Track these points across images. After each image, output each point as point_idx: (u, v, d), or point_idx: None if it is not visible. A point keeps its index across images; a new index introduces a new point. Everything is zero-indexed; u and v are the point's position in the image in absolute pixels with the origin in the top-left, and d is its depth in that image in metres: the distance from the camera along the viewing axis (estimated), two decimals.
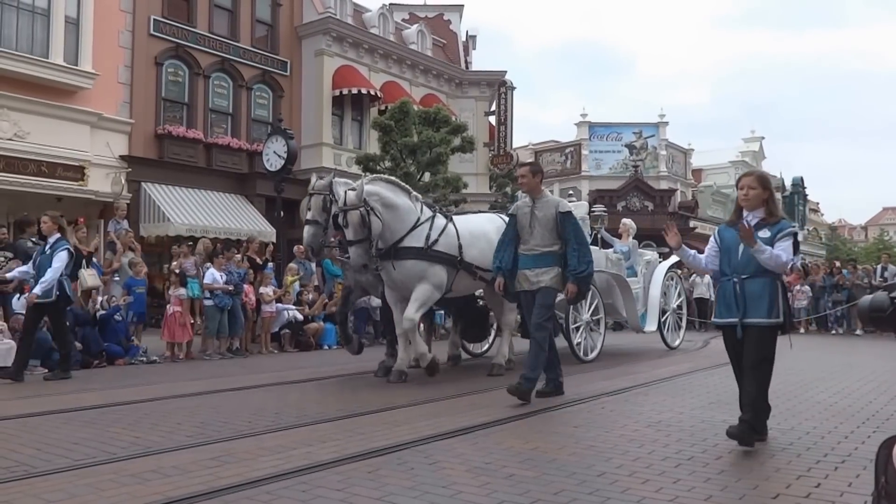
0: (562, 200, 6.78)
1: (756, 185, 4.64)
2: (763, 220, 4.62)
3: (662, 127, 35.88)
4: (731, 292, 4.61)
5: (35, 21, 17.19)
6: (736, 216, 4.73)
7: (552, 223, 6.43)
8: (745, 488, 3.61)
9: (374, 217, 7.47)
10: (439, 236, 7.86)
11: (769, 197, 4.68)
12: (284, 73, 23.67)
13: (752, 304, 4.52)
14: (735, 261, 4.63)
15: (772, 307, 4.49)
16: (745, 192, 4.66)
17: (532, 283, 6.40)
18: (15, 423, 5.41)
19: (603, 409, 6.05)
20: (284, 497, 3.46)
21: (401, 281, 7.74)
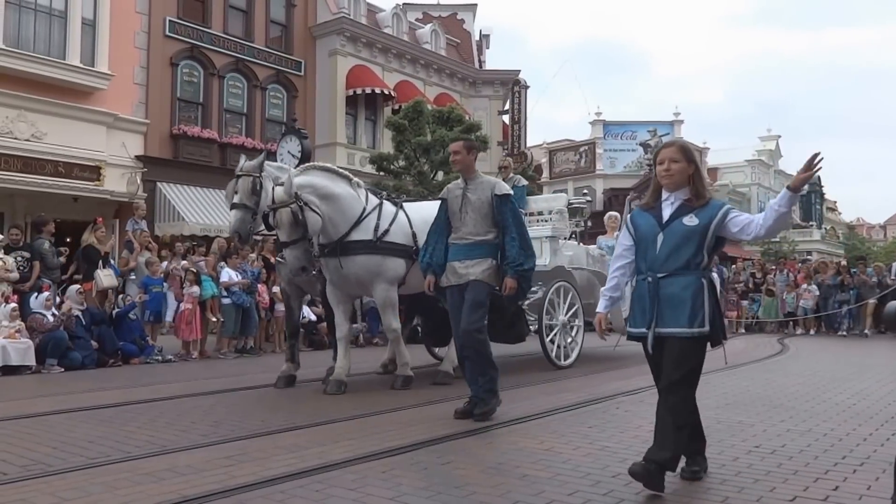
0: (500, 182, 5.87)
1: (679, 157, 3.72)
2: (688, 203, 3.71)
3: (677, 125, 35.75)
4: (645, 294, 3.71)
5: (52, 23, 17.33)
6: (653, 198, 3.81)
7: (487, 208, 5.56)
8: (762, 490, 3.57)
9: (310, 212, 6.61)
10: (390, 225, 7.08)
11: (695, 172, 3.74)
12: (298, 73, 23.74)
13: (669, 309, 3.62)
14: (651, 254, 3.72)
15: (695, 314, 3.59)
16: (665, 167, 3.71)
17: (460, 276, 5.55)
18: (31, 422, 5.44)
19: (618, 409, 6.01)
20: (298, 496, 3.46)
21: (353, 279, 6.99)
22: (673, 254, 3.66)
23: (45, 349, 8.92)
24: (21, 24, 16.82)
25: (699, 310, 3.60)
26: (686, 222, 3.65)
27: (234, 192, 7.24)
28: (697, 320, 3.59)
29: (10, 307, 9.00)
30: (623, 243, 3.91)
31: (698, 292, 3.61)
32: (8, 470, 3.96)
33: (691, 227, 3.64)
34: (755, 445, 4.53)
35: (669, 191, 3.76)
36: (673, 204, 3.74)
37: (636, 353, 10.15)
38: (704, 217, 3.65)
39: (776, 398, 6.53)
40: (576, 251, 9.87)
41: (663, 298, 3.64)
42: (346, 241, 6.87)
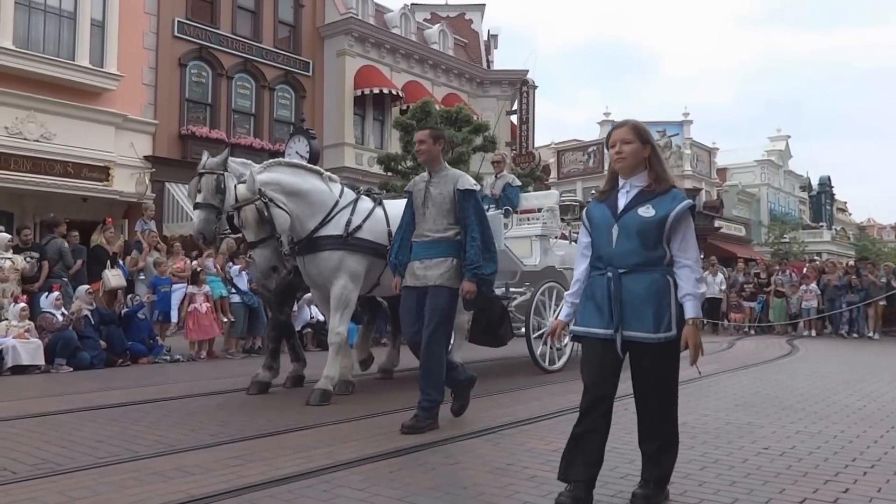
0: (465, 175, 5.41)
1: (631, 137, 3.29)
2: (647, 190, 3.29)
3: (686, 125, 35.67)
4: (603, 291, 3.28)
5: (61, 24, 17.42)
6: (609, 184, 3.41)
7: (449, 203, 5.20)
8: (771, 492, 3.56)
9: (277, 209, 6.28)
10: (363, 222, 6.65)
11: (652, 154, 3.31)
12: (307, 74, 23.78)
13: (632, 310, 3.22)
14: (607, 249, 3.30)
15: (661, 316, 3.19)
16: (617, 149, 3.31)
17: (418, 277, 5.18)
18: (40, 421, 5.46)
19: (626, 410, 5.91)
20: (306, 496, 3.46)
21: (316, 277, 6.62)
22: (630, 249, 3.25)
23: (54, 349, 8.96)
24: (30, 25, 16.91)
25: (665, 311, 3.20)
26: (642, 213, 3.24)
27: (196, 191, 6.88)
28: (664, 324, 3.20)
29: (19, 307, 9.04)
30: (582, 241, 3.51)
31: (664, 292, 3.22)
32: (17, 469, 3.98)
33: (647, 220, 3.22)
34: (764, 447, 4.50)
35: (624, 177, 3.35)
36: (629, 192, 3.33)
37: None
38: (662, 208, 3.23)
39: (786, 400, 6.50)
40: (567, 250, 9.50)
41: (627, 298, 3.22)
42: (314, 238, 6.49)
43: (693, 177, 35.39)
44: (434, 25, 29.03)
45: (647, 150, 3.32)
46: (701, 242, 31.30)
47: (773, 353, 11.84)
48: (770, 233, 39.17)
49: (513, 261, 8.56)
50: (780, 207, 44.74)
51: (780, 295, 17.83)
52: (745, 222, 40.63)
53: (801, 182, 49.35)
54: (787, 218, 42.77)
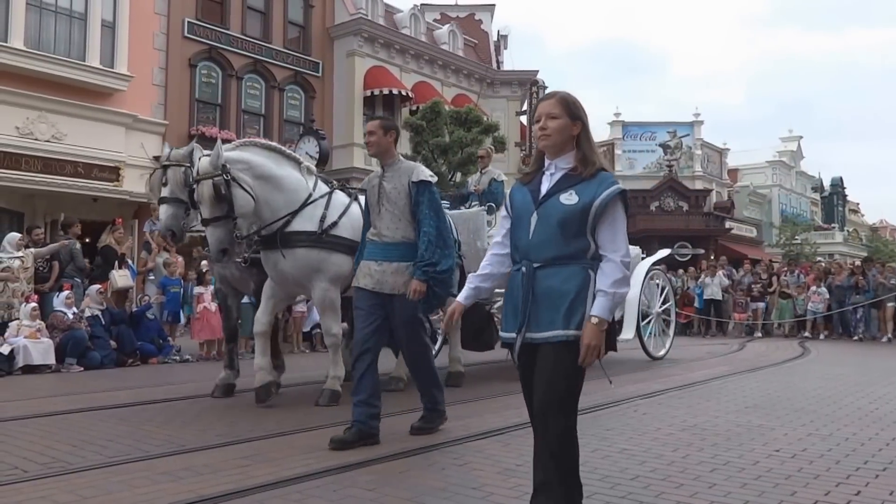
0: (420, 167, 5.08)
1: (558, 111, 2.86)
2: (572, 174, 2.86)
3: (697, 126, 35.55)
4: (518, 290, 2.88)
5: (72, 25, 17.49)
6: (535, 165, 3.01)
7: (405, 199, 4.79)
8: (782, 494, 3.53)
9: (239, 190, 5.85)
10: (340, 217, 6.22)
11: (581, 133, 2.89)
12: (316, 74, 23.83)
13: (546, 308, 2.79)
14: (524, 239, 2.88)
15: (572, 312, 2.75)
16: (541, 125, 2.88)
17: (374, 280, 4.75)
18: (51, 420, 5.48)
19: (636, 412, 5.97)
20: (315, 497, 3.45)
21: (290, 275, 6.18)
22: (549, 239, 2.82)
23: (65, 348, 9.00)
24: (42, 26, 16.98)
25: (578, 307, 2.76)
26: (564, 200, 2.82)
27: (161, 185, 6.54)
28: (574, 320, 2.75)
29: (30, 307, 9.09)
30: (503, 225, 3.09)
31: (582, 287, 2.77)
32: (28, 467, 4.00)
33: (569, 207, 2.80)
34: (775, 449, 4.48)
35: (550, 157, 2.93)
36: (553, 175, 2.91)
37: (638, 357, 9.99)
38: (587, 194, 2.81)
39: (797, 402, 6.46)
40: None
41: (539, 294, 2.81)
42: (286, 232, 6.06)
43: (704, 177, 35.27)
44: (444, 26, 29.04)
45: (576, 128, 2.89)
46: (712, 243, 31.41)
47: (784, 355, 11.78)
48: (781, 234, 39.02)
49: None
50: (792, 208, 44.57)
51: (785, 296, 17.53)
52: (757, 223, 40.47)
53: (812, 183, 49.16)
54: (798, 219, 42.59)
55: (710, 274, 18.45)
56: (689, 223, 32.35)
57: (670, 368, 9.43)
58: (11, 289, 9.51)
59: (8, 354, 8.52)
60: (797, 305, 17.19)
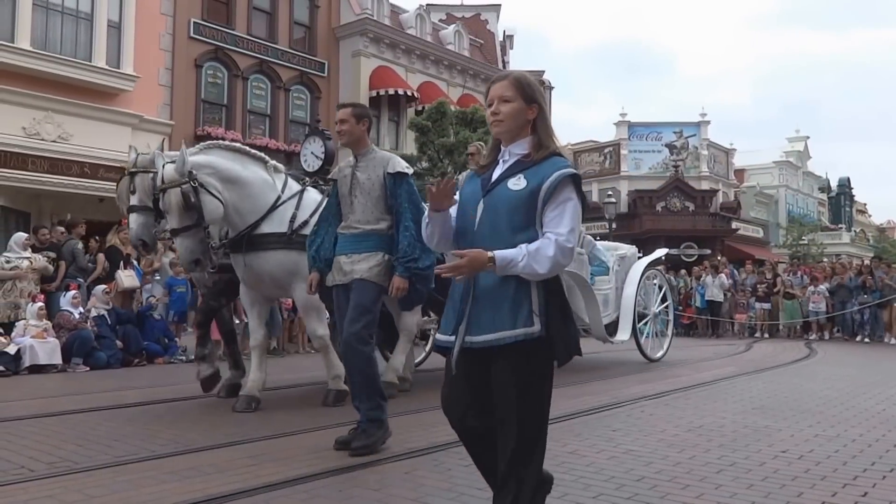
0: (395, 157, 4.88)
1: (512, 94, 2.60)
2: (524, 159, 2.61)
3: (704, 126, 35.44)
4: (458, 289, 2.62)
5: (79, 25, 17.53)
6: (492, 155, 2.74)
7: (379, 190, 4.63)
8: (789, 496, 3.52)
9: (208, 196, 5.64)
10: (311, 216, 5.96)
11: (538, 117, 2.64)
12: (322, 75, 23.85)
13: (487, 309, 2.51)
14: (470, 233, 2.62)
15: (518, 306, 2.47)
16: (493, 109, 2.64)
17: (345, 273, 4.58)
18: (58, 420, 5.49)
19: (643, 412, 5.96)
20: (321, 496, 3.45)
21: (267, 278, 6.03)
22: (492, 232, 2.54)
23: (71, 348, 9.02)
24: (48, 26, 17.02)
25: (524, 301, 2.47)
26: (511, 186, 2.56)
27: (129, 193, 6.26)
28: (522, 317, 2.46)
29: (37, 306, 9.11)
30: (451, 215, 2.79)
31: (523, 283, 2.49)
32: (35, 467, 4.00)
33: (515, 193, 2.54)
34: (782, 450, 4.47)
35: (504, 143, 2.68)
36: (506, 162, 2.66)
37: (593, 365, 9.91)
38: (535, 178, 2.53)
39: (803, 403, 6.45)
40: None
41: (480, 294, 2.53)
42: (254, 235, 5.89)
43: (710, 178, 35.17)
44: (449, 26, 29.03)
45: (532, 111, 2.64)
46: (718, 244, 31.32)
47: (791, 356, 11.75)
48: (788, 234, 38.92)
49: None
50: (799, 209, 44.43)
51: (790, 297, 17.35)
52: (763, 224, 40.35)
53: (819, 183, 49.00)
54: (805, 219, 42.46)
55: (710, 274, 18.29)
56: (696, 223, 32.27)
57: (677, 369, 9.42)
58: (19, 288, 9.55)
59: (14, 354, 8.54)
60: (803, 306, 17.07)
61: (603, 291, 9.56)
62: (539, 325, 2.46)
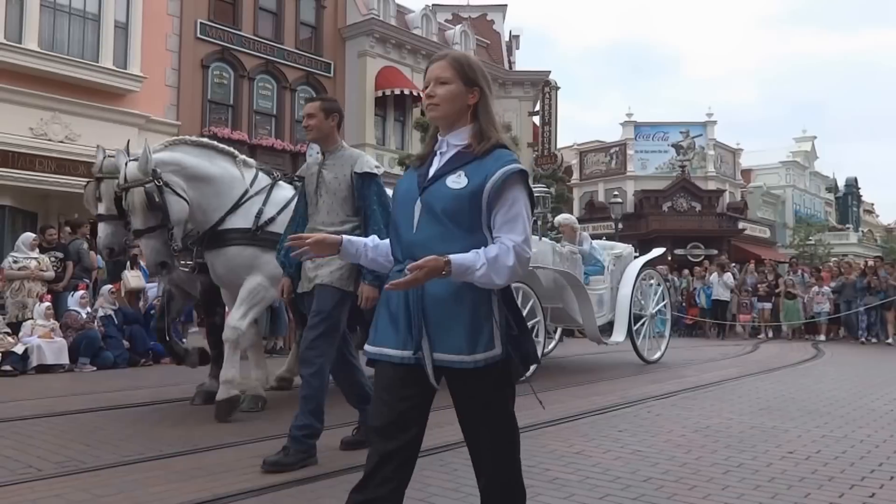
0: (364, 156, 4.55)
1: (450, 75, 2.33)
2: (464, 151, 2.30)
3: (710, 126, 35.34)
4: (398, 297, 2.28)
5: (86, 26, 17.60)
6: (430, 146, 2.46)
7: (346, 190, 4.33)
8: (796, 497, 3.51)
9: (173, 196, 5.38)
10: (278, 213, 5.70)
11: (479, 102, 2.34)
12: (328, 75, 23.87)
13: (438, 324, 2.22)
14: (408, 234, 2.32)
15: (476, 330, 2.21)
16: (429, 92, 2.36)
17: (310, 280, 4.35)
18: (65, 419, 5.52)
19: (649, 412, 5.96)
20: (328, 496, 3.46)
21: (225, 276, 5.76)
22: (434, 235, 2.25)
23: (78, 348, 9.05)
24: (56, 27, 17.09)
25: (483, 324, 2.21)
26: (451, 184, 2.26)
27: (96, 199, 5.96)
28: (482, 341, 2.20)
29: (44, 306, 9.15)
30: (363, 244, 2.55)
31: (482, 296, 2.22)
32: (42, 466, 4.02)
33: (456, 192, 2.24)
34: (789, 451, 4.46)
35: (441, 132, 2.39)
36: (444, 154, 2.36)
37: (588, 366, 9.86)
38: (478, 175, 2.24)
39: (811, 403, 6.44)
40: (540, 248, 8.35)
41: (430, 305, 2.24)
42: (217, 231, 5.61)
43: (717, 178, 35.07)
44: (455, 26, 29.03)
45: (473, 96, 2.35)
46: (725, 244, 31.24)
47: (798, 356, 11.73)
48: (795, 235, 38.81)
49: None
50: (806, 209, 44.32)
51: (791, 297, 16.98)
52: (770, 224, 40.25)
53: (827, 183, 48.84)
54: (812, 220, 42.34)
55: (716, 271, 18.00)
56: (702, 224, 32.20)
57: (683, 370, 9.41)
58: (27, 288, 9.59)
59: (22, 354, 8.57)
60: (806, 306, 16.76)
61: (598, 291, 9.43)
62: (500, 348, 2.22)
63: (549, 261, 8.48)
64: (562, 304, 8.88)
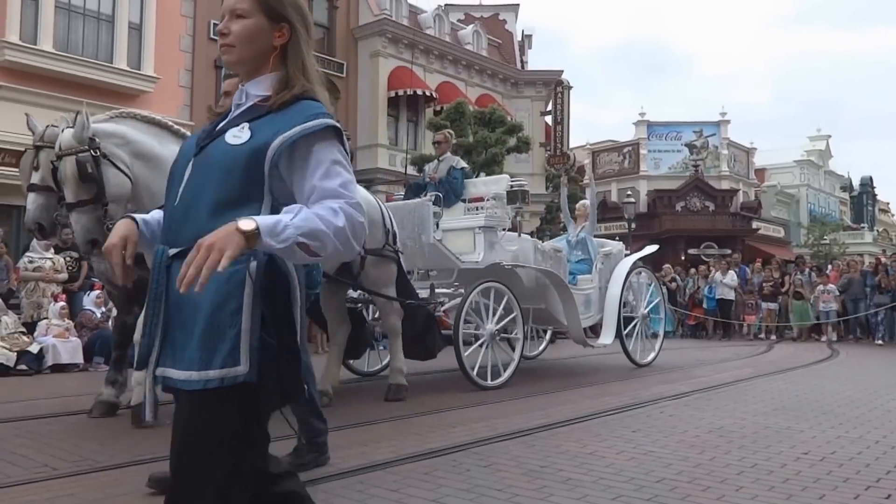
0: None
1: (249, 6, 1.84)
2: (262, 103, 1.81)
3: (724, 125, 35.21)
4: (153, 296, 1.75)
5: (100, 27, 17.74)
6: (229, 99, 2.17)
7: None
8: (810, 498, 3.49)
9: (112, 169, 4.97)
10: None
11: (290, 42, 1.86)
12: (341, 75, 23.94)
13: (178, 326, 1.72)
14: (170, 205, 1.83)
15: (215, 339, 1.65)
16: (222, 27, 1.89)
17: None
18: (79, 419, 5.57)
19: (662, 413, 5.94)
20: (341, 496, 3.47)
21: None
22: (195, 207, 1.73)
23: (93, 348, 9.13)
24: (70, 28, 17.24)
25: (225, 330, 1.64)
26: (230, 139, 1.76)
27: (32, 169, 5.41)
28: (220, 354, 1.64)
29: (59, 306, 9.22)
30: None
31: (230, 294, 1.66)
32: (57, 465, 4.04)
33: (232, 150, 1.73)
34: (804, 452, 4.44)
35: (242, 80, 1.93)
36: (241, 107, 1.88)
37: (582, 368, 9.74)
38: (266, 130, 1.73)
39: (826, 404, 6.40)
40: (521, 245, 8.14)
41: (172, 302, 1.73)
42: None
43: (730, 177, 34.93)
44: (468, 26, 29.06)
45: (280, 34, 1.86)
46: (739, 244, 31.11)
47: (812, 357, 11.66)
48: (810, 234, 38.62)
49: (446, 257, 7.46)
50: (820, 208, 44.10)
51: (799, 296, 16.44)
52: (784, 223, 40.06)
53: (841, 182, 48.59)
54: (827, 219, 42.13)
55: (720, 269, 17.50)
56: (716, 223, 32.10)
57: (696, 370, 9.39)
58: (42, 288, 9.67)
59: (37, 353, 8.65)
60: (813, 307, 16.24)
61: (585, 291, 9.08)
62: (246, 364, 1.64)
63: (531, 259, 8.18)
64: (544, 305, 8.54)
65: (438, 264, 7.60)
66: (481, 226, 7.71)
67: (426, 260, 7.58)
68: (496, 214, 7.88)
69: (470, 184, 8.52)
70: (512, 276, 7.82)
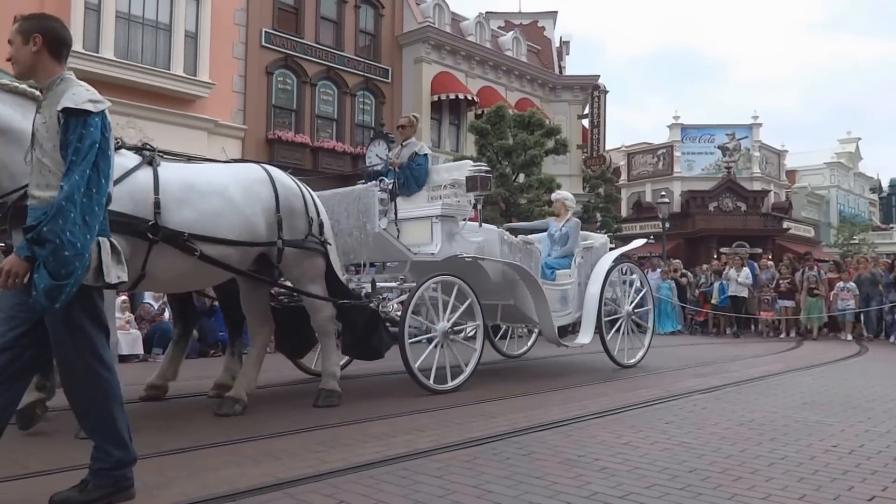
0: (78, 86, 3.19)
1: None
2: None
3: (756, 128, 35.05)
4: None
5: (158, 36, 18.31)
6: None
7: (54, 139, 3.09)
8: (839, 489, 3.53)
9: None
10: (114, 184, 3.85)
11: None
12: (386, 80, 24.28)
13: None
14: None
15: None
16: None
17: None
18: (140, 406, 5.77)
19: (695, 406, 6.00)
20: (386, 482, 3.57)
21: None
22: None
23: (152, 339, 9.43)
24: (130, 37, 17.84)
25: None
26: None
27: None
28: None
29: (120, 299, 9.52)
30: None
31: None
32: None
33: None
34: (833, 445, 4.48)
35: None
36: None
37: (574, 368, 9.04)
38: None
39: (854, 399, 6.40)
40: (486, 237, 7.49)
41: None
42: (20, 205, 3.47)
43: (762, 179, 34.67)
44: (508, 33, 29.22)
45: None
46: (770, 243, 30.74)
47: (841, 353, 11.56)
48: (839, 234, 38.18)
49: (396, 248, 6.88)
50: (850, 209, 43.58)
51: (814, 294, 15.65)
52: (815, 224, 39.56)
53: (871, 184, 47.90)
54: (856, 219, 41.60)
55: (734, 266, 16.87)
56: (747, 223, 31.87)
57: (727, 365, 9.38)
58: None
59: None
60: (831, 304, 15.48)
61: (563, 287, 8.39)
62: None
63: (496, 251, 7.52)
64: (513, 301, 7.88)
65: (387, 256, 7.04)
66: (438, 215, 7.07)
67: (371, 251, 6.91)
68: (455, 203, 7.35)
69: (434, 171, 7.95)
70: (474, 269, 7.24)
